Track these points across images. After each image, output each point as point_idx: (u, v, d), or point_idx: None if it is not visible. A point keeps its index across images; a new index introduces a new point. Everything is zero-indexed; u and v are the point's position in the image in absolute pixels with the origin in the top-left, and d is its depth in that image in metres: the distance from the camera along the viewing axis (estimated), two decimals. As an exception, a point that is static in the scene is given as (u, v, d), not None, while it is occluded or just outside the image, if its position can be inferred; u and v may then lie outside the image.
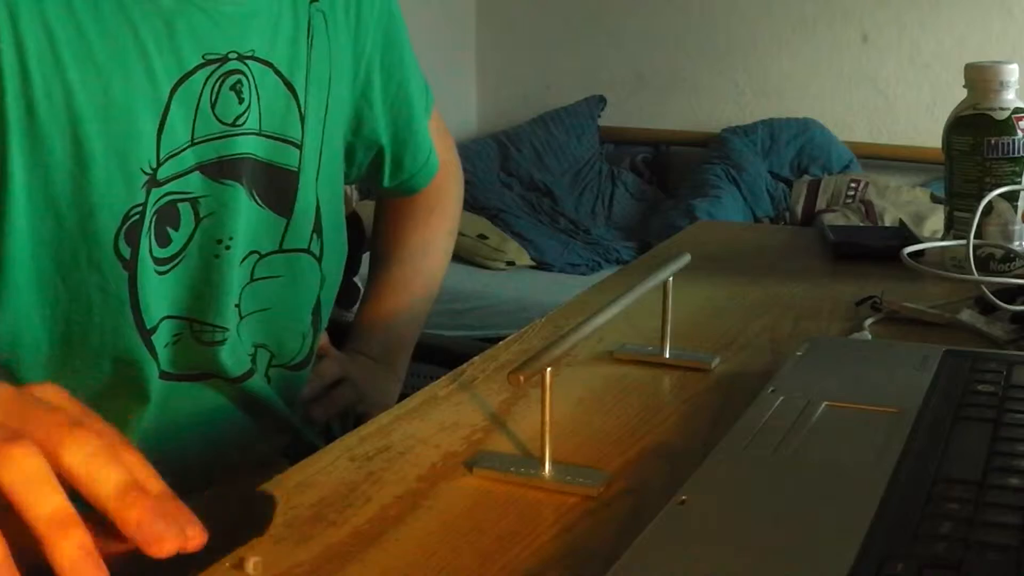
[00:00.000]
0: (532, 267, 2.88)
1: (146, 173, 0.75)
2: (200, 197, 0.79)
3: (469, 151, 3.21)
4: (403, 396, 0.77)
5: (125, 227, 0.75)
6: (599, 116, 3.45)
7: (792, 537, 0.50)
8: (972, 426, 0.61)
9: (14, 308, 0.74)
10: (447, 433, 0.69)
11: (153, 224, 0.77)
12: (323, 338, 1.00)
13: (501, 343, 0.87)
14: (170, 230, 0.78)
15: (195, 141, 0.78)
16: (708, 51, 3.35)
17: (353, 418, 1.04)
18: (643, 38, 3.42)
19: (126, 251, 0.76)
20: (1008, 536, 0.49)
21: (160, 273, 0.78)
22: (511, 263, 2.85)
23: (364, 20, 0.93)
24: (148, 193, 0.76)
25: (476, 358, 0.83)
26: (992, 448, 0.58)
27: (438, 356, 1.46)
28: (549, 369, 0.61)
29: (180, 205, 0.78)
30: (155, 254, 0.78)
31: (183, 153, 0.77)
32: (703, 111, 3.35)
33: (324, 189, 0.90)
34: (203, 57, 0.77)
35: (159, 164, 0.76)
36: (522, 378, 0.59)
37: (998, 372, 0.70)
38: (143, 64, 0.74)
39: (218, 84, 0.78)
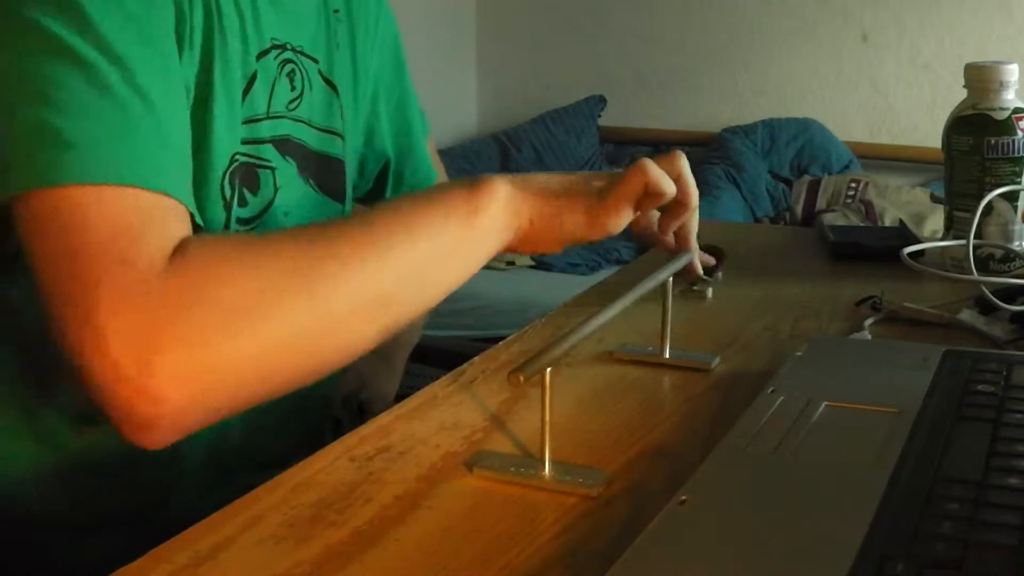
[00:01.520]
0: (532, 267, 2.88)
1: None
2: (276, 169, 0.83)
3: (469, 151, 3.21)
4: (403, 396, 0.78)
5: (230, 168, 0.78)
6: (599, 116, 3.45)
7: (792, 537, 0.50)
8: (972, 426, 0.61)
9: None
10: (447, 433, 0.69)
11: (238, 180, 0.80)
12: None
13: (501, 343, 0.87)
14: (248, 193, 0.81)
15: (270, 115, 0.82)
16: (708, 51, 3.35)
17: (355, 404, 1.05)
18: (643, 38, 3.42)
19: (228, 192, 0.79)
20: (1008, 536, 0.49)
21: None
22: (511, 263, 2.85)
23: (381, 38, 0.99)
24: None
25: (476, 358, 0.83)
26: (992, 448, 0.58)
27: (438, 356, 1.46)
28: (549, 369, 0.61)
29: (261, 172, 0.81)
30: (237, 213, 0.80)
31: (262, 123, 0.81)
32: (703, 111, 3.34)
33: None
34: (271, 41, 0.82)
35: (240, 123, 0.79)
36: (522, 378, 0.59)
37: (998, 372, 0.70)
38: (240, 27, 0.78)
39: (280, 67, 0.83)
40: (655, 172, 0.76)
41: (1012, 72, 1.02)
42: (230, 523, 0.58)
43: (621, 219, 0.76)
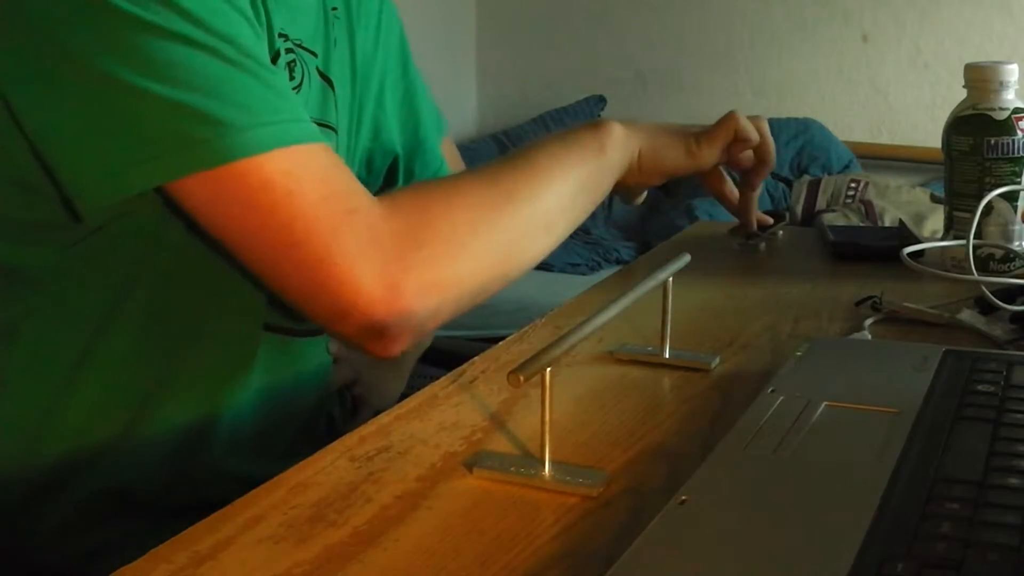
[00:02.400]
0: (532, 267, 2.88)
1: None
2: None
3: (469, 151, 3.20)
4: (403, 396, 0.78)
5: None
6: (599, 116, 3.45)
7: (792, 537, 0.50)
8: (972, 426, 0.61)
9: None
10: (447, 433, 0.69)
11: None
12: None
13: (501, 343, 0.87)
14: None
15: None
16: (708, 51, 3.35)
17: (350, 399, 1.05)
18: (643, 38, 3.42)
19: None
20: (1008, 536, 0.49)
21: None
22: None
23: (384, 35, 1.00)
24: None
25: (476, 358, 0.83)
26: (992, 448, 0.58)
27: (438, 356, 1.45)
28: (549, 369, 0.61)
29: None
30: None
31: None
32: (703, 111, 3.32)
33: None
34: (278, 33, 0.83)
35: None
36: (522, 378, 0.59)
37: (998, 372, 0.70)
38: (264, 6, 0.80)
39: (284, 57, 0.84)
40: (744, 122, 1.01)
41: (1012, 72, 1.02)
42: (230, 523, 0.58)
43: (714, 155, 1.00)
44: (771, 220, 1.17)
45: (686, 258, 0.81)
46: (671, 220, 2.86)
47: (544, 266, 2.85)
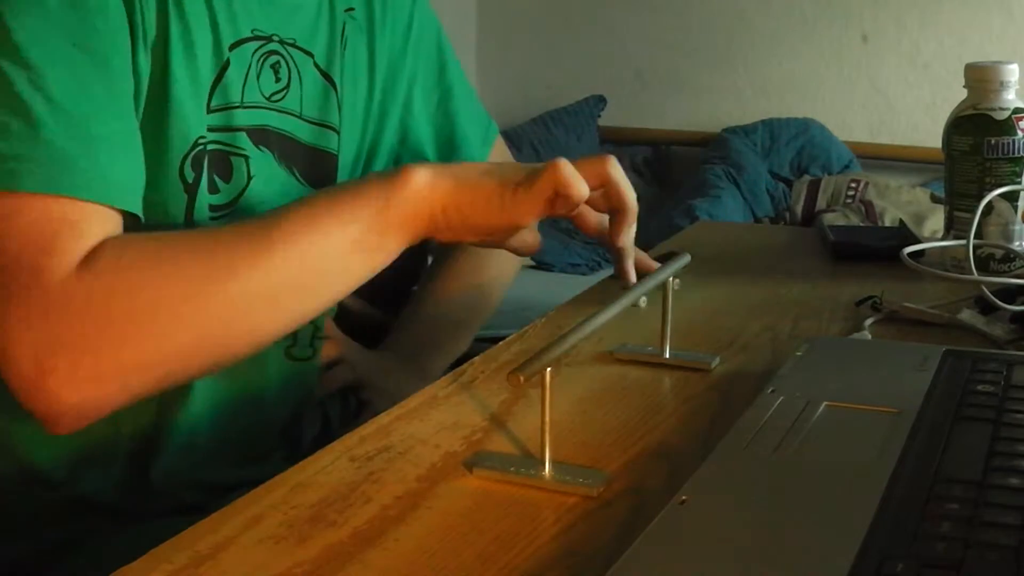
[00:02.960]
0: (532, 267, 2.88)
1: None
2: (249, 157, 0.83)
3: (469, 151, 3.21)
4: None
5: (191, 153, 0.78)
6: (599, 116, 3.45)
7: (792, 537, 0.50)
8: (972, 426, 0.61)
9: None
10: (447, 433, 0.69)
11: (206, 166, 0.80)
12: (327, 321, 1.00)
13: (501, 343, 0.87)
14: (220, 180, 0.81)
15: (244, 104, 0.82)
16: (708, 51, 3.35)
17: (354, 402, 1.05)
18: (643, 38, 3.42)
19: (190, 176, 0.79)
20: (1008, 536, 0.49)
21: (213, 219, 0.81)
22: (511, 263, 2.84)
23: (415, 39, 1.00)
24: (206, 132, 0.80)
25: (476, 358, 0.83)
26: (992, 448, 0.58)
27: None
28: (549, 369, 0.61)
29: (233, 159, 0.82)
30: (208, 200, 0.80)
31: (235, 111, 0.81)
32: (703, 111, 3.34)
33: None
34: (252, 31, 0.82)
35: (208, 111, 0.80)
36: (522, 378, 0.59)
37: (998, 372, 0.70)
38: (209, 17, 0.79)
39: (262, 59, 0.83)
40: (566, 174, 0.73)
41: (1012, 72, 1.02)
42: (230, 523, 0.58)
43: (532, 215, 0.75)
44: (656, 266, 0.87)
45: (686, 258, 0.81)
46: (671, 220, 2.86)
47: (544, 266, 2.88)
